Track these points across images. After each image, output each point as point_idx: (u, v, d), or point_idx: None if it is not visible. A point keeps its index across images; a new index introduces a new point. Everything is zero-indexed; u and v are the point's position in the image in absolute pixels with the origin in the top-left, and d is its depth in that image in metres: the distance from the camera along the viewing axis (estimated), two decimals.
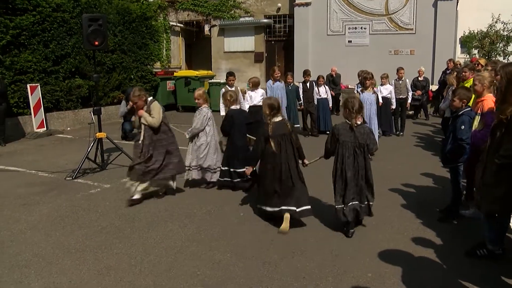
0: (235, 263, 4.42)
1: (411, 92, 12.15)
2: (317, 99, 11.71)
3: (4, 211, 5.96)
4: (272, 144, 5.21)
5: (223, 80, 17.47)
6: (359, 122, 5.07)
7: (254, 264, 4.39)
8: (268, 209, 5.33)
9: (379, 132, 10.54)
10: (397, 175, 7.61)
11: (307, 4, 18.75)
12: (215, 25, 21.26)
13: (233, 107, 6.80)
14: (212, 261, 4.47)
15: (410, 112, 14.40)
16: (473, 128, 5.25)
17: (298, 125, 11.64)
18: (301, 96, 11.55)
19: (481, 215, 5.44)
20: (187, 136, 6.78)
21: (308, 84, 11.67)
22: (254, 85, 9.60)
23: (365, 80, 9.22)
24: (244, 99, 9.48)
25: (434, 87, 15.57)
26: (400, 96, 11.65)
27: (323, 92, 11.84)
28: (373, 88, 9.30)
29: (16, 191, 6.89)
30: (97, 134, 7.99)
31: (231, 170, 6.67)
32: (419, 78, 14.35)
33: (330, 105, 12.05)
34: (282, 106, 9.65)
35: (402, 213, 5.80)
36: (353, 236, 5.06)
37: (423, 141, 10.92)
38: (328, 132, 10.24)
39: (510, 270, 4.15)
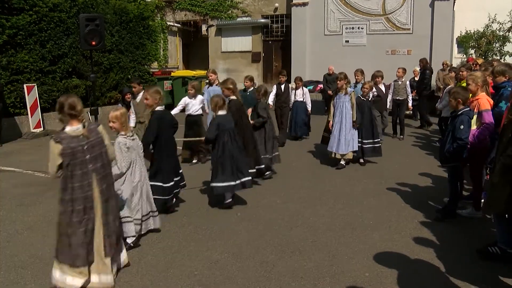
0: (233, 263, 4.41)
1: (411, 95, 11.25)
2: (292, 102, 10.75)
3: (0, 212, 5.94)
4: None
5: (220, 80, 17.52)
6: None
7: (251, 264, 4.39)
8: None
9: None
10: (395, 175, 7.62)
11: (304, 4, 18.78)
12: (212, 25, 21.27)
13: (220, 112, 5.91)
14: (209, 261, 4.47)
15: (408, 112, 14.38)
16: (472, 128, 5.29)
17: None
18: (270, 100, 10.01)
19: (480, 214, 5.51)
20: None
21: (283, 86, 10.56)
22: (197, 91, 8.65)
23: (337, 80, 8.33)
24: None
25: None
26: (398, 97, 10.90)
27: (300, 94, 10.86)
28: (346, 90, 8.09)
29: (13, 191, 6.86)
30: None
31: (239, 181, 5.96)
32: (415, 79, 14.35)
33: (309, 108, 10.99)
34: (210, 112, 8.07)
35: (400, 213, 5.80)
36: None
37: (420, 140, 10.93)
38: (300, 138, 9.81)
39: (508, 271, 4.15)
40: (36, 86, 11.81)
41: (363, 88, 8.40)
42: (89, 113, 8.13)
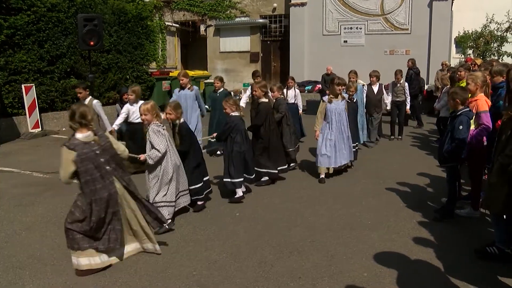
0: (231, 263, 4.41)
1: (409, 97, 11.02)
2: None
3: None
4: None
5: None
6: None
7: (250, 264, 4.38)
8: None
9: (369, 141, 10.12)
10: (393, 175, 7.63)
11: (302, 4, 18.78)
12: (210, 25, 21.26)
13: (234, 114, 6.26)
14: (208, 261, 4.46)
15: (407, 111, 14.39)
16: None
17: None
18: (242, 101, 9.28)
19: (478, 214, 5.53)
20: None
21: (289, 92, 9.99)
22: (137, 96, 7.85)
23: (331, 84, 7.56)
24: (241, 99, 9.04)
25: (428, 87, 15.63)
26: (397, 99, 10.82)
27: (292, 96, 10.01)
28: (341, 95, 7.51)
29: (11, 191, 6.85)
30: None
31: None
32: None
33: (300, 110, 10.35)
34: (188, 117, 8.20)
35: (398, 213, 5.81)
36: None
37: (418, 141, 10.95)
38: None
39: (507, 270, 4.16)
40: (34, 86, 11.79)
41: (349, 91, 8.14)
42: None
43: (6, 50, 11.38)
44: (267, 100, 7.04)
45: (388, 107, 10.90)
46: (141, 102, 7.49)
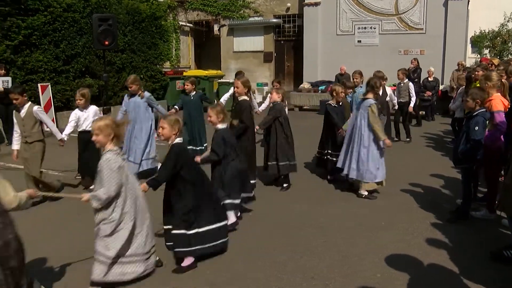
0: (243, 263, 4.41)
1: (415, 97, 10.70)
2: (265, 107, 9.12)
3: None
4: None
5: (232, 80, 17.53)
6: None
7: (262, 264, 4.38)
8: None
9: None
10: (407, 176, 7.56)
11: (316, 4, 18.71)
12: (224, 25, 21.28)
13: (221, 126, 5.07)
14: (220, 260, 4.47)
15: (421, 113, 14.28)
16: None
17: (205, 145, 8.61)
18: (223, 99, 8.86)
19: (493, 216, 5.45)
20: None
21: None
22: (87, 100, 7.01)
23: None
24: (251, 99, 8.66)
25: (443, 87, 15.47)
26: (400, 100, 10.50)
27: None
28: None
29: (25, 189, 6.91)
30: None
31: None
32: (429, 79, 14.26)
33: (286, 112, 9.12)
34: (137, 128, 7.51)
35: (412, 214, 5.76)
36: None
37: (433, 142, 10.84)
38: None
39: None
40: (50, 85, 11.95)
41: (337, 95, 7.35)
42: (102, 112, 8.10)
43: (23, 50, 11.57)
44: (248, 99, 6.18)
45: (397, 107, 10.53)
46: (92, 107, 6.98)
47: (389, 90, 10.08)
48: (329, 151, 7.24)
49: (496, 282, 3.96)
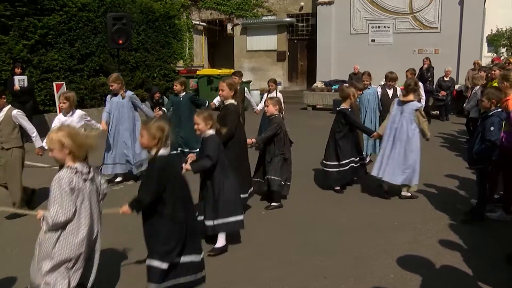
0: (256, 262, 4.42)
1: (424, 98, 9.88)
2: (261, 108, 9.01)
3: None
4: None
5: (245, 79, 17.57)
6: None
7: (274, 263, 4.38)
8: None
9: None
10: (421, 176, 7.45)
11: (330, 3, 18.64)
12: (237, 24, 21.32)
13: (211, 131, 4.49)
14: (232, 258, 4.48)
15: (435, 113, 14.16)
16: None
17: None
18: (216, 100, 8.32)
19: (510, 218, 5.38)
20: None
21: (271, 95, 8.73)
22: (72, 104, 6.32)
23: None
24: (262, 99, 8.40)
25: (458, 87, 15.30)
26: None
27: None
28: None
29: (43, 187, 6.99)
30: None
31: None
32: (445, 79, 14.10)
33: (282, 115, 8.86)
34: (121, 129, 7.17)
35: (426, 214, 5.71)
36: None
37: (447, 141, 10.73)
38: None
39: None
40: (64, 84, 12.08)
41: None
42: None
43: (39, 49, 11.73)
44: (235, 102, 5.39)
45: None
46: (77, 111, 6.43)
47: (398, 90, 9.95)
48: (353, 159, 6.61)
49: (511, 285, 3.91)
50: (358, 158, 6.72)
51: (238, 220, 4.60)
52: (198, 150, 7.40)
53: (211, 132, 4.47)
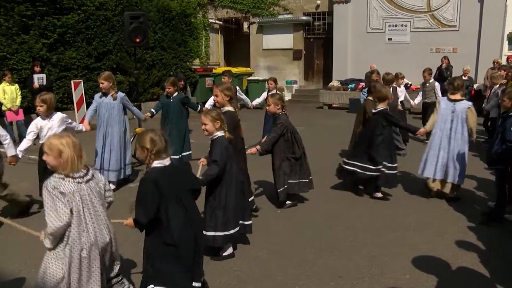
0: (272, 260, 4.43)
1: (441, 97, 9.31)
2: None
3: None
4: None
5: (261, 78, 17.59)
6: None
7: (290, 262, 4.38)
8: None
9: None
10: None
11: (346, 1, 18.51)
12: (254, 23, 21.31)
13: (219, 133, 4.23)
14: (248, 257, 4.50)
15: None
16: None
17: (190, 152, 7.84)
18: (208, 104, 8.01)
19: None
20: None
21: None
22: (50, 107, 5.65)
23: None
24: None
25: (477, 86, 15.08)
26: (426, 100, 10.08)
27: None
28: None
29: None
30: (136, 130, 8.13)
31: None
32: (463, 78, 13.90)
33: None
34: (110, 132, 6.73)
35: (442, 215, 5.66)
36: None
37: None
38: None
39: None
40: (82, 82, 12.24)
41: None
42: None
43: (58, 48, 11.90)
44: (232, 109, 5.00)
45: (413, 103, 10.14)
46: (57, 114, 5.77)
47: (403, 90, 9.80)
48: (385, 163, 6.12)
49: None
50: (394, 165, 6.22)
51: (246, 224, 4.54)
52: (178, 157, 7.33)
53: (220, 133, 4.20)
